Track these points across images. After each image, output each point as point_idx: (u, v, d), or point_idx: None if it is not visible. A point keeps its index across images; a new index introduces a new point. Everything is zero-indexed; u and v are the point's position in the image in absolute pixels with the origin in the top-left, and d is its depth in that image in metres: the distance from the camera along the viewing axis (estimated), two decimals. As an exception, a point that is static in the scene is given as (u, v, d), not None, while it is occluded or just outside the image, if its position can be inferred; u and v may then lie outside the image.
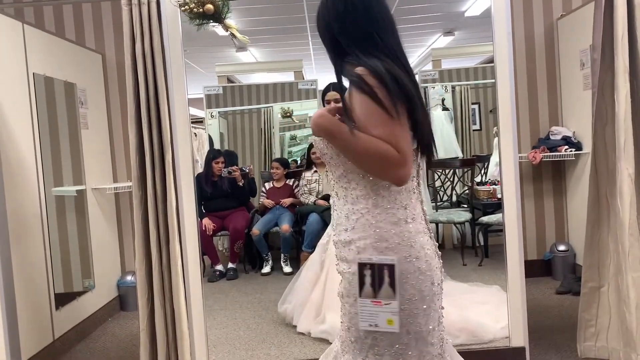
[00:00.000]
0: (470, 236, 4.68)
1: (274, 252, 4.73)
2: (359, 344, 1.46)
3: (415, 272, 1.41)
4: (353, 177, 1.45)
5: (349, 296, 1.45)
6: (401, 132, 1.35)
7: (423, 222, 1.48)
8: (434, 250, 1.48)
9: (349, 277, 1.44)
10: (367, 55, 1.40)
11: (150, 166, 2.60)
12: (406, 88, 1.37)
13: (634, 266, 2.57)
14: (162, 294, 2.66)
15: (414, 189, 1.48)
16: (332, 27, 1.47)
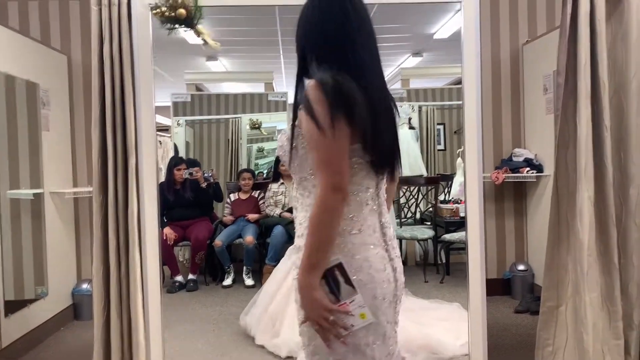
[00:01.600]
0: (432, 253, 4.72)
1: (236, 264, 4.66)
2: (306, 349, 1.46)
3: (356, 284, 1.39)
4: (306, 186, 1.45)
5: (300, 307, 1.42)
6: (336, 152, 1.32)
7: (376, 234, 1.44)
8: (389, 265, 1.45)
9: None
10: (324, 68, 1.38)
11: (113, 170, 2.53)
12: (350, 99, 1.33)
13: (592, 287, 2.63)
14: (119, 303, 2.57)
15: (368, 200, 1.44)
16: (305, 37, 1.46)
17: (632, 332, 2.76)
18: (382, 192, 1.49)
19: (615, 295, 2.71)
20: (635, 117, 2.71)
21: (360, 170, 1.42)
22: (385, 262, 1.44)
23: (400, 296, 1.49)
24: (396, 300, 1.47)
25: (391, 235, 1.49)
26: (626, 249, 2.76)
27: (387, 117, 1.44)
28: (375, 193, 1.47)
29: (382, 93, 1.45)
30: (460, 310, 3.25)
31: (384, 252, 1.45)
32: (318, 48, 1.43)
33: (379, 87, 1.44)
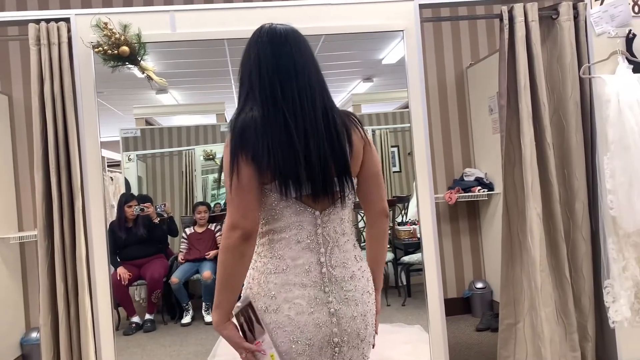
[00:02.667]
0: (393, 276, 4.74)
1: (194, 301, 4.54)
2: None
3: (272, 325, 1.35)
4: None
5: None
6: (236, 192, 1.30)
7: (311, 274, 1.37)
8: (322, 308, 1.36)
9: None
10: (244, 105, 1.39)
11: (59, 214, 2.44)
12: (250, 139, 1.31)
13: (546, 301, 2.68)
14: (69, 351, 2.45)
15: (301, 238, 1.38)
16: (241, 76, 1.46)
17: (587, 344, 2.82)
18: (336, 227, 1.42)
19: (569, 309, 2.77)
20: (574, 134, 2.82)
21: (285, 208, 1.37)
22: (315, 305, 1.36)
23: (348, 343, 1.39)
24: (335, 347, 1.37)
25: (341, 277, 1.40)
26: (576, 262, 2.84)
27: (324, 146, 1.36)
28: (315, 230, 1.39)
29: (316, 122, 1.37)
30: (421, 333, 3.26)
31: (318, 292, 1.37)
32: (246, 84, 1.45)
33: (311, 117, 1.37)
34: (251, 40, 1.46)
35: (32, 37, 2.45)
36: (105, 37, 2.38)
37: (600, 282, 2.80)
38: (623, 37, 2.80)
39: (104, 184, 2.55)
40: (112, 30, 2.39)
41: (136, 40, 2.40)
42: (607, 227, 2.70)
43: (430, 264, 2.78)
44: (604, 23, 2.80)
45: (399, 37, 2.85)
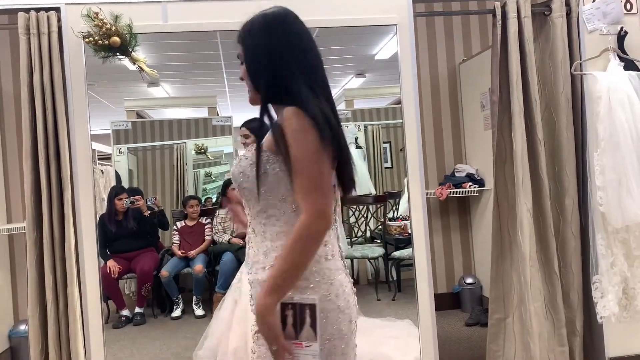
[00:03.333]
0: (384, 271, 4.75)
1: (185, 294, 4.52)
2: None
3: (335, 311, 1.37)
4: (274, 213, 1.41)
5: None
6: (324, 178, 1.33)
7: (340, 259, 1.46)
8: (351, 288, 1.46)
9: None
10: (303, 92, 1.36)
11: (47, 205, 2.42)
12: (336, 131, 1.36)
13: (535, 296, 2.70)
14: (57, 344, 2.44)
15: (332, 225, 1.44)
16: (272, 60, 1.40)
17: (575, 339, 2.85)
18: (338, 216, 1.51)
19: (558, 303, 2.79)
20: (565, 131, 2.84)
21: (334, 195, 1.41)
22: (351, 286, 1.46)
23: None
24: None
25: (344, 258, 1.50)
26: (565, 257, 2.86)
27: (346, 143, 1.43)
28: (335, 217, 1.45)
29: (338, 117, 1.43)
30: (410, 327, 3.29)
31: (346, 275, 1.46)
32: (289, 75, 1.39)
33: (336, 110, 1.44)
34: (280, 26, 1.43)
35: (21, 27, 2.43)
36: (96, 27, 2.36)
37: (589, 278, 2.82)
38: (615, 34, 2.82)
39: (94, 176, 2.53)
40: (103, 21, 2.36)
41: (127, 31, 2.38)
42: (597, 223, 2.72)
43: (421, 259, 2.78)
44: (596, 20, 2.81)
45: (392, 32, 2.85)
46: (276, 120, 1.39)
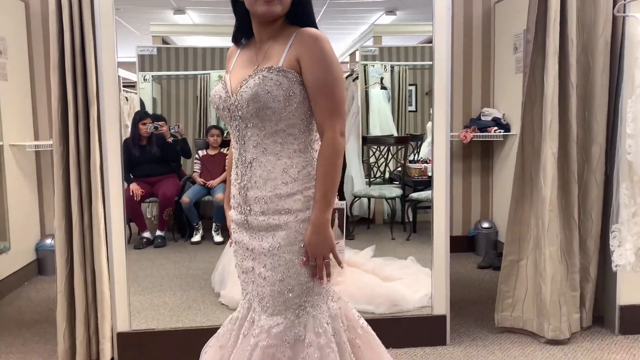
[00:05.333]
0: (400, 212, 4.78)
1: (205, 222, 4.62)
2: (296, 292, 1.45)
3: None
4: (292, 132, 1.47)
5: (292, 244, 1.45)
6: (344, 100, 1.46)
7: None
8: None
9: (295, 226, 1.45)
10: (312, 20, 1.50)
11: (74, 120, 2.45)
12: None
13: (552, 240, 2.70)
14: (82, 255, 2.53)
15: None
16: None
17: (587, 285, 2.87)
18: None
19: (573, 249, 2.80)
20: (600, 76, 2.74)
21: None
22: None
23: None
24: None
25: None
26: (586, 205, 2.83)
27: None
28: None
29: None
30: (415, 265, 3.37)
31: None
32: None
33: None
34: None
35: (49, -62, 2.38)
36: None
37: (607, 227, 2.81)
38: (664, -25, 2.67)
39: (119, 93, 2.54)
40: None
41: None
42: (622, 172, 2.68)
43: (439, 201, 2.78)
44: (645, -41, 2.65)
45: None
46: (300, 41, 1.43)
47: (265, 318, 1.47)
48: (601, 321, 2.95)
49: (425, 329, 2.77)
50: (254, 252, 1.51)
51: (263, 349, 1.44)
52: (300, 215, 1.46)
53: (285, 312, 1.46)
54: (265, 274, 1.48)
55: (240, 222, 1.54)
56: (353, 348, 1.52)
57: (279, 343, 1.43)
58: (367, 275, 3.39)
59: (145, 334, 2.66)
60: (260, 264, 1.49)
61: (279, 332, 1.44)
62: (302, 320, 1.46)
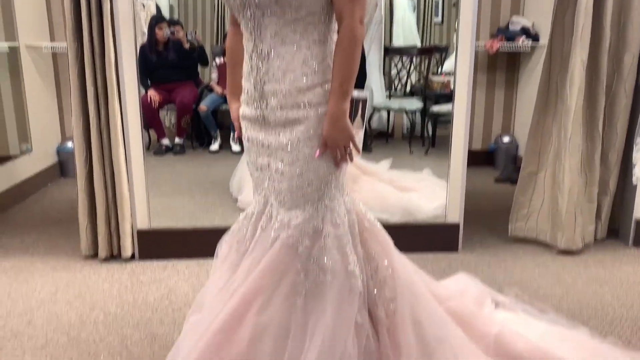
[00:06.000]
0: (419, 126, 4.71)
1: (223, 131, 4.62)
2: (315, 186, 1.45)
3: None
4: (312, 21, 1.40)
5: (310, 139, 1.43)
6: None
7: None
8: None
9: (315, 120, 1.43)
10: None
11: (87, 16, 2.39)
12: None
13: (573, 152, 2.65)
14: (100, 154, 2.56)
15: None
16: None
17: (605, 197, 2.84)
18: None
19: (594, 162, 2.75)
20: (641, -24, 2.56)
21: None
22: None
23: None
24: None
25: None
26: (612, 116, 2.75)
27: None
28: None
29: None
30: (431, 177, 3.36)
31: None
32: None
33: None
34: None
35: None
36: None
37: (631, 140, 2.74)
38: None
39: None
40: None
41: None
42: (654, 82, 2.56)
43: (460, 114, 2.72)
44: None
45: None
46: None
47: (283, 212, 1.49)
48: (615, 234, 2.95)
49: (438, 236, 2.81)
50: (269, 148, 1.49)
51: (283, 240, 1.47)
52: (320, 109, 1.43)
53: (304, 206, 1.47)
54: (283, 169, 1.47)
55: (254, 118, 1.51)
56: (360, 240, 1.55)
57: (298, 234, 1.46)
58: (382, 185, 3.40)
59: (164, 232, 2.74)
60: (277, 160, 1.48)
61: (297, 224, 1.46)
62: (320, 213, 1.47)
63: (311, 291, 1.43)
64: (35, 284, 2.46)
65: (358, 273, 1.46)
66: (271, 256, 1.46)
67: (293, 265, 1.44)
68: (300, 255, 1.44)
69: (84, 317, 2.19)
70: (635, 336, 2.05)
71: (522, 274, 2.57)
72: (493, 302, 2.10)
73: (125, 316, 2.19)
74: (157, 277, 2.54)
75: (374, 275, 1.53)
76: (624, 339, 2.02)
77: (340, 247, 1.46)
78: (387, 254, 1.55)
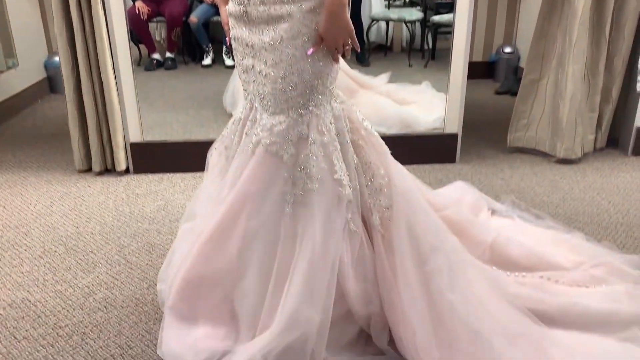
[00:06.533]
0: (419, 38, 4.55)
1: (215, 45, 4.46)
2: (299, 90, 1.39)
3: None
4: None
5: (294, 38, 1.35)
6: None
7: None
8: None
9: (299, 17, 1.34)
10: None
11: None
12: None
13: (577, 58, 2.56)
14: (87, 64, 2.47)
15: None
16: None
17: (607, 106, 2.78)
18: None
19: (599, 69, 2.67)
20: None
21: None
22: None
23: None
24: None
25: None
26: (620, 19, 2.63)
27: None
28: None
29: None
30: (430, 89, 3.28)
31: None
32: None
33: None
34: None
35: None
36: None
37: (638, 45, 2.64)
38: None
39: None
40: None
41: None
42: (666, -19, 2.43)
43: (461, 24, 2.60)
44: None
45: None
46: None
47: (267, 117, 1.43)
48: (615, 143, 2.92)
49: (436, 146, 2.77)
50: (254, 49, 1.41)
51: (266, 147, 1.42)
52: (304, 4, 1.33)
53: (288, 111, 1.41)
54: (267, 71, 1.40)
55: (239, 15, 1.42)
56: (356, 149, 1.50)
57: (282, 141, 1.41)
58: (380, 98, 3.33)
59: (158, 145, 2.70)
60: (260, 61, 1.41)
61: (281, 130, 1.41)
62: (305, 119, 1.41)
63: (299, 199, 1.40)
64: (30, 197, 2.45)
65: (345, 182, 1.42)
66: (255, 163, 1.42)
67: (279, 173, 1.41)
68: (287, 163, 1.41)
69: (81, 228, 2.19)
70: (629, 240, 2.07)
71: (520, 182, 2.56)
72: (490, 209, 2.11)
73: (122, 227, 2.19)
74: (152, 190, 2.53)
75: (369, 184, 1.49)
76: (618, 242, 2.04)
77: (326, 155, 1.41)
78: (383, 163, 1.51)
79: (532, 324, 1.46)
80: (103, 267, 1.92)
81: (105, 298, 1.76)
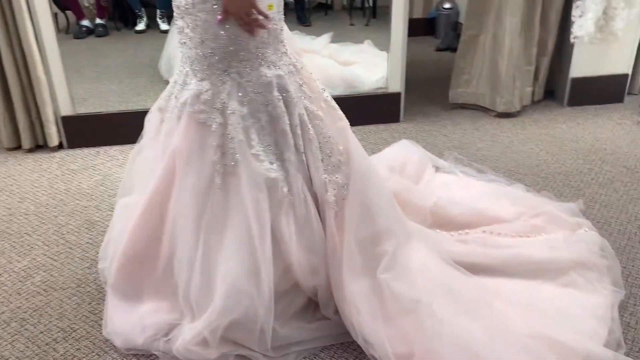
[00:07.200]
0: (359, -3, 4.49)
1: (148, 10, 4.26)
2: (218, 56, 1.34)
3: None
4: None
5: (204, 2, 1.30)
6: None
7: None
8: None
9: None
10: None
11: None
12: None
13: (514, 11, 2.59)
14: (6, 32, 2.30)
15: None
16: None
17: (543, 59, 2.84)
18: None
19: (534, 22, 2.71)
20: None
21: None
22: None
23: None
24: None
25: None
26: (554, -28, 2.66)
27: None
28: None
29: None
30: (373, 48, 3.28)
31: None
32: None
33: None
34: None
35: None
36: None
37: None
38: None
39: None
40: None
41: None
42: None
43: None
44: None
45: None
46: None
47: (195, 82, 1.38)
48: (552, 95, 3.00)
49: (380, 106, 2.77)
50: (180, 10, 1.38)
51: (192, 114, 1.37)
52: None
53: (211, 77, 1.36)
54: (191, 35, 1.36)
55: None
56: (314, 120, 1.45)
57: (209, 109, 1.36)
58: (324, 60, 3.29)
59: (93, 118, 2.57)
60: (185, 24, 1.37)
61: (208, 98, 1.36)
62: (227, 87, 1.36)
63: (230, 170, 1.36)
64: (-46, 179, 2.30)
65: (263, 157, 1.38)
66: (183, 132, 1.38)
67: (208, 142, 1.36)
68: (215, 132, 1.36)
69: (13, 209, 2.07)
70: (566, 189, 2.14)
71: (462, 138, 2.60)
72: (434, 166, 2.13)
73: (59, 205, 2.09)
74: (89, 165, 2.42)
75: (326, 159, 1.45)
76: (556, 191, 2.11)
77: (245, 128, 1.37)
78: (343, 139, 1.48)
79: (469, 278, 1.49)
80: (40, 249, 1.83)
81: (44, 281, 1.68)
